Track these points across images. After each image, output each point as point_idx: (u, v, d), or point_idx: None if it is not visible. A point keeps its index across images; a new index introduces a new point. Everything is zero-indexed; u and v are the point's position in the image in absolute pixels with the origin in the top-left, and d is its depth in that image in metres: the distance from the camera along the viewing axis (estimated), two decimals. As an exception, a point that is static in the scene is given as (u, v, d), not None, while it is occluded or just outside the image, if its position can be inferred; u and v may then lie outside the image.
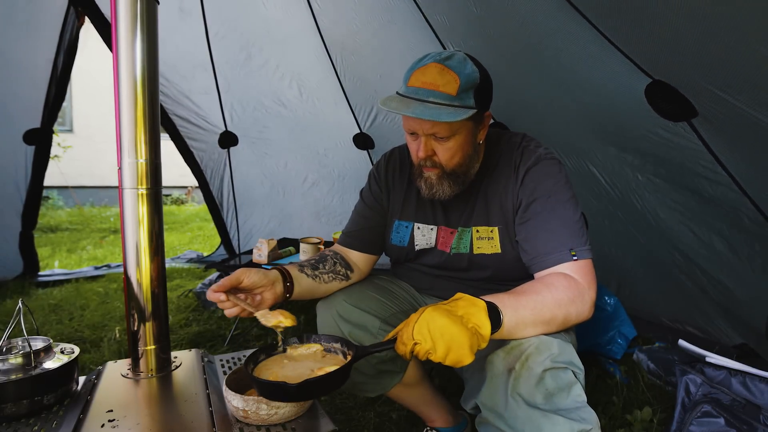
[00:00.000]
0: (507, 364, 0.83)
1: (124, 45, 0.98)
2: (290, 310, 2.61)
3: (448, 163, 1.01)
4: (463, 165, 1.02)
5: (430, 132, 0.97)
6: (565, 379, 0.81)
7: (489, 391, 0.84)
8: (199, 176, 3.37)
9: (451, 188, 1.03)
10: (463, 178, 1.05)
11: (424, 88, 0.94)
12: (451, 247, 1.11)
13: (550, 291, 0.87)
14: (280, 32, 2.51)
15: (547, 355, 0.81)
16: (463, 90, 0.94)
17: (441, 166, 1.01)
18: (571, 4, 1.38)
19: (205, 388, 0.98)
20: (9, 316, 0.96)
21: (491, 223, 1.07)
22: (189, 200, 8.60)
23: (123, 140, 1.00)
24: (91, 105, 7.44)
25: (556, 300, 0.86)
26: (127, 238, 1.01)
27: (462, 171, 1.03)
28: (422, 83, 0.95)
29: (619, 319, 1.83)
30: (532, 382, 0.80)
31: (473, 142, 1.02)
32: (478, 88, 0.96)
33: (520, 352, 0.83)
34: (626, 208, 1.87)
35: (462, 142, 0.99)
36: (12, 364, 0.89)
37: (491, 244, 1.07)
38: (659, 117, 1.44)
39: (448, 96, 0.93)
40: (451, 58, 0.96)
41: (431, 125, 0.95)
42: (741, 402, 1.06)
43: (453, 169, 1.02)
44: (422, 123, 0.96)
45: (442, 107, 0.92)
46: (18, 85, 2.64)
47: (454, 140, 0.98)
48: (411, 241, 1.16)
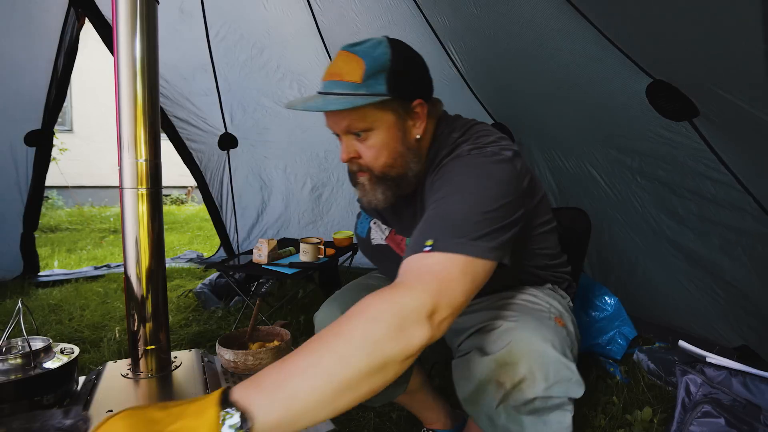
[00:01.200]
0: (498, 377, 0.77)
1: (124, 45, 0.98)
2: (290, 310, 2.60)
3: (373, 164, 0.88)
4: (394, 166, 0.88)
5: (345, 129, 0.86)
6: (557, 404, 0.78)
7: (477, 393, 0.80)
8: (199, 178, 3.37)
9: (384, 195, 0.90)
10: (398, 182, 0.90)
11: (330, 79, 0.85)
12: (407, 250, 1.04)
13: (344, 341, 0.58)
14: (280, 33, 2.51)
15: (542, 386, 0.74)
16: (370, 75, 0.82)
17: (369, 169, 0.89)
18: (571, 4, 1.38)
19: (205, 388, 0.98)
20: (9, 316, 0.96)
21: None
22: (189, 200, 8.60)
23: (123, 140, 1.00)
24: (91, 105, 7.45)
25: (357, 350, 0.57)
26: (127, 238, 1.01)
27: (395, 173, 0.89)
28: (329, 75, 0.86)
29: (620, 320, 1.83)
30: (519, 403, 0.76)
31: (402, 137, 0.88)
32: (392, 72, 0.83)
33: (513, 373, 0.75)
34: (626, 210, 1.87)
35: (385, 138, 0.86)
36: (12, 365, 0.89)
37: None
38: (661, 117, 1.44)
39: (352, 84, 0.82)
40: (362, 43, 0.86)
41: (340, 119, 0.85)
42: (741, 402, 1.06)
43: (383, 172, 0.88)
44: (335, 119, 0.86)
45: (343, 97, 0.81)
46: (19, 87, 2.64)
47: (374, 136, 0.86)
48: (368, 235, 1.09)
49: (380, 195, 0.90)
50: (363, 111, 0.83)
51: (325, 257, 2.07)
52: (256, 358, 1.06)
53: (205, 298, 2.62)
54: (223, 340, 1.13)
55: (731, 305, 1.70)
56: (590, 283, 1.92)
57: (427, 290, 0.64)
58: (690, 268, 1.76)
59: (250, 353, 1.07)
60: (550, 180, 2.14)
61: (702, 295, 1.77)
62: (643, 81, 1.39)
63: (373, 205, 0.92)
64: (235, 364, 1.07)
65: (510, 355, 0.76)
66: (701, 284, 1.75)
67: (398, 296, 0.63)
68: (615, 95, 1.54)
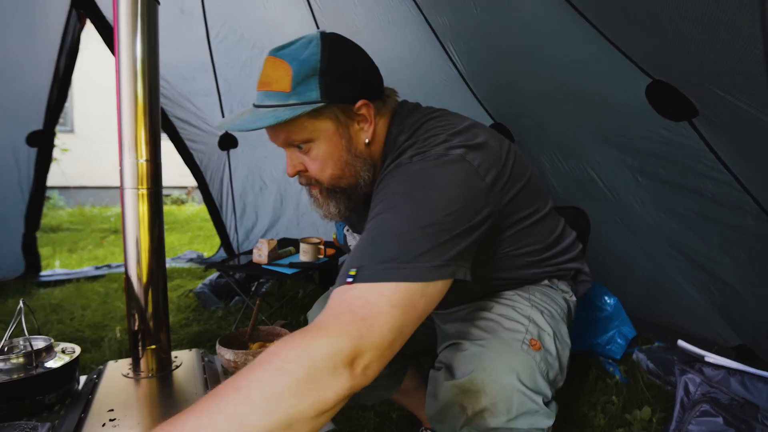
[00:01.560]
0: (461, 401, 0.73)
1: (125, 46, 0.99)
2: (290, 310, 2.61)
3: (321, 176, 0.81)
4: (343, 177, 0.81)
5: (284, 142, 0.79)
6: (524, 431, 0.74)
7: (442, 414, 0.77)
8: (199, 178, 3.38)
9: (337, 208, 0.84)
10: (350, 193, 0.83)
11: (261, 90, 0.78)
12: None
13: (241, 398, 0.50)
14: (280, 33, 2.51)
15: (505, 418, 0.70)
16: (300, 81, 0.74)
17: (317, 182, 0.83)
18: (571, 5, 1.38)
19: (205, 388, 0.98)
20: (10, 316, 0.96)
21: None
22: (189, 200, 8.61)
23: (124, 140, 1.00)
24: (92, 105, 7.47)
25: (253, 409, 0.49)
26: (127, 238, 1.02)
27: (345, 184, 0.82)
28: (260, 84, 0.79)
29: (619, 319, 1.83)
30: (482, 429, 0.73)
31: (347, 145, 0.80)
32: (324, 75, 0.74)
33: (476, 401, 0.72)
34: (625, 211, 1.87)
35: (327, 148, 0.78)
36: (13, 364, 0.90)
37: None
38: (660, 117, 1.44)
39: (281, 94, 0.74)
40: (290, 45, 0.78)
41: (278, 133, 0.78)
42: (739, 401, 1.06)
43: (331, 184, 0.82)
44: (273, 133, 0.79)
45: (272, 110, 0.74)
46: (20, 87, 2.65)
47: (316, 147, 0.78)
48: (345, 242, 1.07)
49: (333, 208, 0.85)
50: (299, 122, 0.75)
51: (325, 257, 2.08)
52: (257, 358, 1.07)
53: (206, 298, 2.62)
54: (223, 339, 1.14)
55: (730, 305, 1.70)
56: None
57: (344, 332, 0.54)
58: (689, 268, 1.76)
59: (251, 353, 1.07)
60: (551, 180, 2.14)
61: (701, 294, 1.78)
62: (642, 81, 1.40)
63: (329, 218, 0.86)
64: (236, 364, 1.07)
65: (472, 383, 0.72)
66: (700, 284, 1.75)
67: (309, 341, 0.53)
68: (615, 95, 1.55)
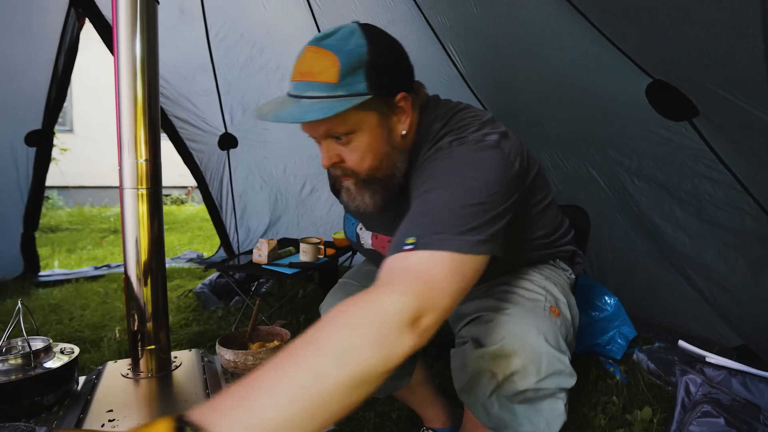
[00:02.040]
0: (491, 368, 0.78)
1: (124, 45, 0.98)
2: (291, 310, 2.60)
3: (359, 168, 0.82)
4: (380, 168, 0.83)
5: (324, 134, 0.79)
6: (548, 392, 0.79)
7: (471, 383, 0.82)
8: (199, 178, 3.37)
9: (373, 199, 0.85)
10: (386, 184, 0.85)
11: (301, 80, 0.77)
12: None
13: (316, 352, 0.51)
14: (280, 33, 2.51)
15: (533, 380, 0.76)
16: (347, 73, 0.74)
17: (354, 174, 0.83)
18: (571, 4, 1.38)
19: (205, 388, 0.98)
20: (9, 317, 0.96)
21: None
22: (189, 200, 8.60)
23: (123, 140, 1.00)
24: (91, 105, 7.45)
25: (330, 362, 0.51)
26: (127, 238, 1.01)
27: (382, 175, 0.84)
28: (300, 75, 0.77)
29: (620, 319, 1.83)
30: (511, 393, 0.78)
31: (387, 137, 0.81)
32: (371, 67, 0.75)
33: (506, 366, 0.76)
34: (625, 210, 1.87)
35: (369, 139, 0.79)
36: (12, 365, 0.89)
37: None
38: (660, 117, 1.44)
39: (327, 86, 0.74)
40: (331, 35, 0.76)
41: (318, 125, 0.77)
42: (741, 402, 1.06)
43: (369, 175, 0.83)
44: (312, 125, 0.78)
45: (319, 101, 0.73)
46: (19, 87, 2.65)
47: (357, 139, 0.79)
48: (358, 239, 1.06)
49: (368, 199, 0.85)
50: (344, 113, 0.73)
51: (325, 257, 2.07)
52: (256, 358, 1.07)
53: (205, 298, 2.62)
54: (223, 340, 1.14)
55: (730, 305, 1.70)
56: (590, 283, 1.92)
57: (409, 293, 0.57)
58: (688, 269, 1.76)
59: (250, 353, 1.07)
60: (552, 177, 2.14)
61: (701, 295, 1.77)
62: (642, 81, 1.39)
63: (362, 210, 0.87)
64: (235, 364, 1.07)
65: (503, 349, 0.76)
66: (700, 284, 1.75)
67: (377, 300, 0.56)
68: (615, 95, 1.54)
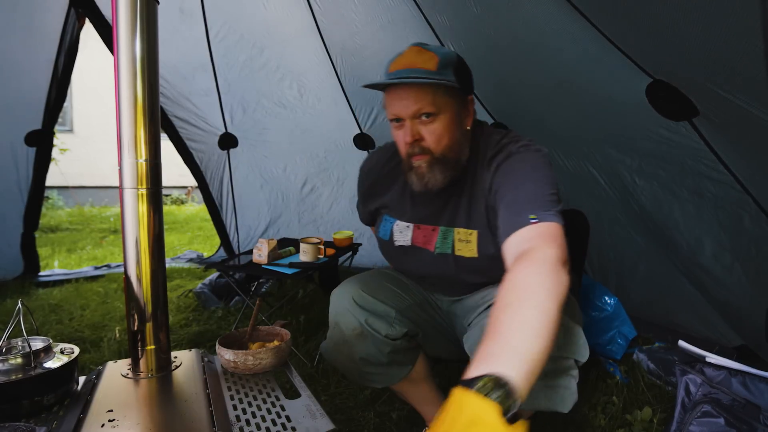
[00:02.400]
0: None
1: (124, 45, 0.98)
2: (291, 310, 2.60)
3: (436, 146, 0.97)
4: (452, 149, 0.99)
5: (415, 112, 0.95)
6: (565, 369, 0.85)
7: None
8: (199, 178, 3.37)
9: (443, 175, 0.99)
10: (454, 165, 1.01)
11: (404, 68, 0.96)
12: (436, 247, 1.08)
13: (533, 294, 0.69)
14: (280, 33, 2.51)
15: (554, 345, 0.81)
16: (443, 66, 0.95)
17: (430, 152, 0.98)
18: (572, 4, 1.38)
19: (205, 388, 0.98)
20: (9, 317, 0.96)
21: (470, 226, 1.04)
22: (189, 200, 8.60)
23: (123, 140, 1.00)
24: (91, 105, 7.45)
25: (546, 293, 0.69)
26: (127, 238, 1.01)
27: (452, 157, 1.00)
28: (402, 65, 0.97)
29: (619, 319, 1.83)
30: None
31: (460, 125, 1.00)
32: (458, 68, 0.98)
33: None
34: (626, 210, 1.87)
35: (448, 122, 0.97)
36: (12, 365, 0.89)
37: (469, 248, 1.03)
38: (660, 116, 1.44)
39: (428, 71, 0.94)
40: (429, 45, 1.00)
41: (412, 103, 0.94)
42: (741, 402, 1.06)
43: (443, 154, 0.98)
44: (407, 103, 0.95)
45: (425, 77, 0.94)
46: (19, 87, 2.64)
47: (439, 121, 0.96)
48: (391, 237, 1.15)
49: (439, 175, 0.99)
50: (434, 96, 0.94)
51: (325, 257, 2.07)
52: (256, 358, 1.07)
53: (205, 298, 2.62)
54: (223, 340, 1.14)
55: (730, 306, 1.70)
56: (590, 283, 1.92)
57: (555, 246, 0.78)
58: (688, 268, 1.76)
59: (250, 353, 1.07)
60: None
61: (701, 295, 1.77)
62: (643, 81, 1.39)
63: (430, 186, 1.00)
64: (235, 364, 1.07)
65: None
66: (699, 284, 1.75)
67: (544, 254, 0.76)
68: (615, 95, 1.54)
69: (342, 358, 1.13)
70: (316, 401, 0.95)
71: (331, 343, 1.15)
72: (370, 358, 1.08)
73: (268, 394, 0.99)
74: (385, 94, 1.02)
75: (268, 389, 1.01)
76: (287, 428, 0.85)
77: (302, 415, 0.89)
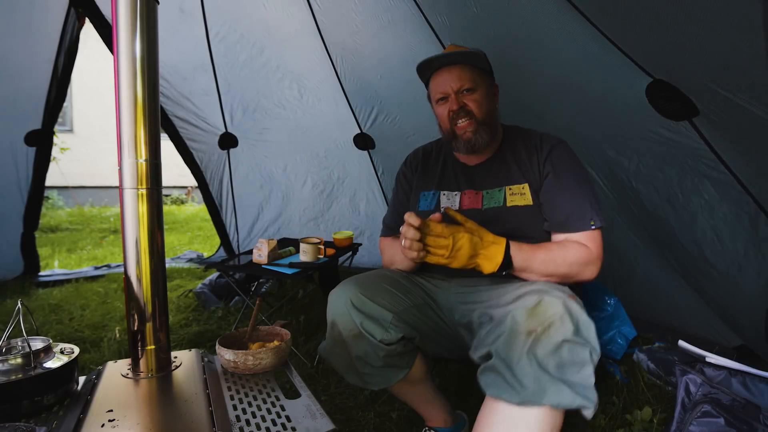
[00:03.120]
0: (529, 326, 0.85)
1: (124, 45, 0.98)
2: (291, 310, 2.59)
3: (479, 111, 1.20)
4: (490, 116, 1.21)
5: (459, 87, 1.19)
6: (581, 355, 0.83)
7: (506, 344, 0.85)
8: (199, 177, 3.37)
9: (488, 135, 1.20)
10: (494, 130, 1.23)
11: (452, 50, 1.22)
12: (483, 204, 1.24)
13: (562, 251, 1.07)
14: (280, 33, 2.51)
15: (570, 328, 0.84)
16: (476, 56, 1.20)
17: (473, 116, 1.19)
18: (572, 4, 1.38)
19: (205, 388, 0.98)
20: (9, 317, 0.96)
21: (522, 181, 1.21)
22: (189, 200, 8.60)
23: (123, 140, 1.00)
24: (91, 105, 7.45)
25: (565, 259, 1.06)
26: (127, 238, 1.01)
27: (491, 122, 1.21)
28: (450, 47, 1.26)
29: (619, 319, 1.83)
30: (549, 348, 0.82)
31: (492, 99, 1.23)
32: (487, 61, 1.24)
33: (544, 318, 0.85)
34: (625, 210, 1.87)
35: (486, 95, 1.21)
36: (12, 365, 0.89)
37: (524, 198, 1.19)
38: (660, 116, 1.44)
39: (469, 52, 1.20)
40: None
41: (458, 79, 1.19)
42: (741, 402, 1.06)
43: (484, 118, 1.20)
44: (452, 80, 1.20)
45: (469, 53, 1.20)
46: (19, 86, 2.64)
47: (479, 93, 1.20)
48: (437, 206, 1.28)
49: (484, 135, 1.20)
50: (472, 74, 1.20)
51: (325, 257, 2.07)
52: (256, 358, 1.07)
53: (205, 298, 2.62)
54: (223, 340, 1.14)
55: (729, 306, 1.70)
56: (590, 283, 1.92)
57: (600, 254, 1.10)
58: (687, 269, 1.76)
59: (250, 353, 1.07)
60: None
61: (700, 295, 1.77)
62: (643, 81, 1.39)
63: (476, 145, 1.20)
64: (235, 364, 1.07)
65: (540, 305, 0.87)
66: (699, 284, 1.75)
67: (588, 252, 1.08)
68: (615, 95, 1.54)
69: (339, 358, 1.13)
70: (316, 401, 0.95)
71: (328, 343, 1.15)
72: (367, 357, 1.08)
73: (268, 394, 0.99)
74: (431, 80, 1.26)
75: (268, 389, 1.01)
76: (287, 428, 0.85)
77: (302, 415, 0.89)
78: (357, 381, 1.15)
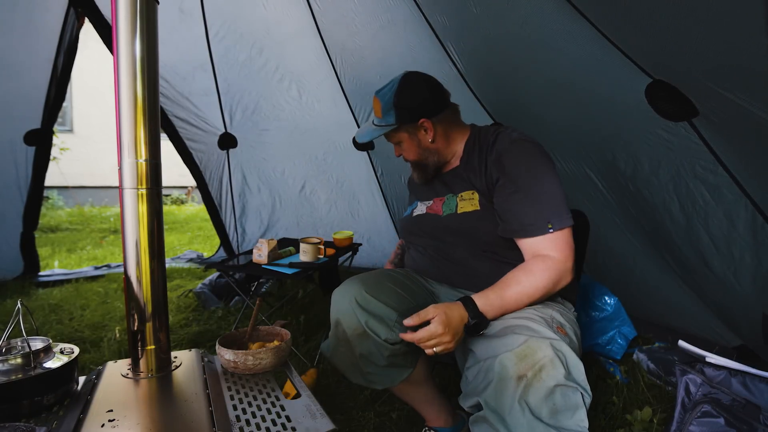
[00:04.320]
0: (519, 371, 0.82)
1: (124, 45, 0.98)
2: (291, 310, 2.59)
3: (407, 158, 1.33)
4: (422, 157, 1.29)
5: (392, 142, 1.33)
6: (574, 399, 0.81)
7: (495, 393, 0.83)
8: (198, 178, 3.37)
9: (420, 174, 1.33)
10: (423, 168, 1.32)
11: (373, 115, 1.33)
12: (443, 210, 1.27)
13: (530, 279, 1.01)
14: (280, 33, 2.51)
15: (562, 372, 0.81)
16: (384, 113, 1.25)
17: (409, 160, 1.33)
18: (571, 4, 1.38)
19: (205, 388, 0.98)
20: (8, 317, 0.96)
21: (470, 188, 1.23)
22: (189, 200, 8.60)
23: (123, 140, 1.00)
24: (91, 105, 7.45)
25: (536, 287, 1.01)
26: (127, 238, 1.01)
27: (423, 163, 1.31)
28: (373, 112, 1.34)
29: (619, 320, 1.83)
30: (541, 394, 0.80)
31: (418, 144, 1.28)
32: (398, 107, 1.23)
33: (534, 362, 0.82)
34: (623, 212, 1.86)
35: (408, 146, 1.29)
36: (11, 365, 0.89)
37: (471, 203, 1.20)
38: (659, 117, 1.44)
39: (378, 119, 1.28)
40: (385, 86, 1.27)
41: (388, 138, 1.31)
42: (741, 402, 1.06)
43: (416, 161, 1.31)
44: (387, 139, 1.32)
45: (373, 128, 1.29)
46: (18, 86, 2.64)
47: (404, 145, 1.30)
48: (412, 212, 1.37)
49: (420, 173, 1.33)
50: (390, 136, 1.30)
51: (325, 257, 2.07)
52: (256, 358, 1.07)
53: (205, 298, 2.62)
54: (223, 340, 1.14)
55: (728, 307, 1.70)
56: (590, 283, 1.92)
57: (567, 256, 1.03)
58: (686, 269, 1.76)
59: (250, 353, 1.07)
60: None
61: (699, 296, 1.77)
62: (642, 81, 1.39)
63: (419, 179, 1.34)
64: (235, 364, 1.07)
65: (528, 347, 0.84)
66: (698, 285, 1.75)
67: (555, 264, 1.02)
68: (614, 95, 1.54)
69: (343, 357, 1.13)
70: (316, 401, 0.95)
71: (332, 342, 1.15)
72: (371, 356, 1.08)
73: (268, 394, 0.99)
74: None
75: (268, 389, 1.01)
76: (287, 428, 0.85)
77: (302, 415, 0.89)
78: (360, 380, 1.15)
